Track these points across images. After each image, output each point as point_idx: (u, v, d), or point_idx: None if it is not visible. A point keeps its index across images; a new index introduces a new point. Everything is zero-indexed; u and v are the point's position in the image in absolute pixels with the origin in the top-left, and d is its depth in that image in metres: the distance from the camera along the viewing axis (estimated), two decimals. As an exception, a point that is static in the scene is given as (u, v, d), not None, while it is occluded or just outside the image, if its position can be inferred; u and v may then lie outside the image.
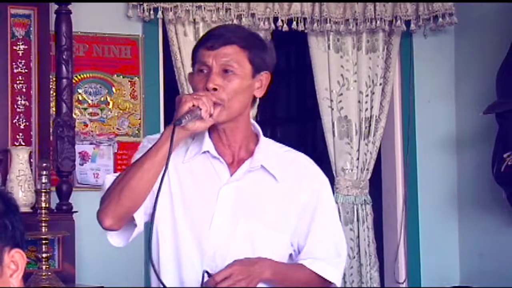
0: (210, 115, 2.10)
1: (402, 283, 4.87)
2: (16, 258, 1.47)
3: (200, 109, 2.08)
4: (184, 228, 2.20)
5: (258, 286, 2.16)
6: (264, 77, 2.20)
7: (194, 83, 2.18)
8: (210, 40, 2.18)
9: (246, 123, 2.24)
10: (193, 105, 2.07)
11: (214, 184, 2.21)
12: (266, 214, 2.21)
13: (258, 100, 2.27)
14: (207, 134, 2.22)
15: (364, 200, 4.71)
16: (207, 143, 2.21)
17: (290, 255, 2.28)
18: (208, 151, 2.21)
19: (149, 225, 2.13)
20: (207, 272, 2.14)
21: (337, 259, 2.27)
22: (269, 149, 2.26)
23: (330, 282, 2.25)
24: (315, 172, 2.29)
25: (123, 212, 2.15)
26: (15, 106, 3.96)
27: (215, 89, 2.13)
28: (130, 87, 4.41)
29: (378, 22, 4.67)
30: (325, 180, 2.32)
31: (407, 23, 4.76)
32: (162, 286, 2.14)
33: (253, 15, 4.45)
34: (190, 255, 2.20)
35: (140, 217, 2.18)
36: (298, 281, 2.22)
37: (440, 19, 4.73)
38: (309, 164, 2.29)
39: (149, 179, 2.12)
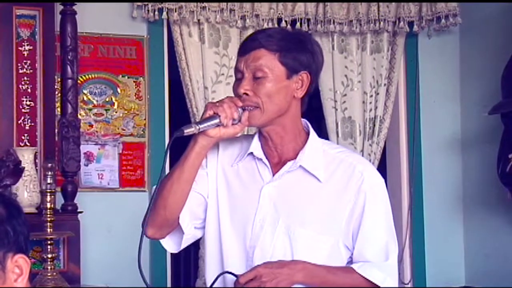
0: (235, 120, 2.14)
1: (408, 283, 4.86)
2: (20, 263, 1.47)
3: (219, 116, 2.11)
4: (228, 228, 2.24)
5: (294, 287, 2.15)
6: (304, 77, 2.20)
7: (233, 89, 2.22)
8: (242, 46, 2.22)
9: (292, 124, 2.23)
10: (214, 113, 2.12)
11: (257, 184, 2.23)
12: (307, 215, 2.20)
13: (307, 100, 2.26)
14: (256, 136, 2.27)
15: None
16: (254, 145, 2.25)
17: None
18: (252, 153, 2.25)
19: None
20: (232, 273, 2.16)
21: (385, 263, 2.21)
22: (318, 150, 2.24)
23: (379, 287, 2.20)
24: (363, 172, 2.21)
25: (161, 221, 2.22)
26: (20, 107, 3.97)
27: (246, 94, 2.16)
28: (135, 88, 4.42)
29: (382, 23, 4.67)
30: (376, 181, 2.25)
31: (411, 24, 4.76)
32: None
33: (257, 15, 4.45)
34: (233, 254, 2.23)
35: (187, 224, 2.25)
36: (344, 284, 2.17)
37: (443, 20, 4.73)
38: (358, 165, 2.22)
39: (179, 188, 2.19)
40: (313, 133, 2.27)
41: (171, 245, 2.32)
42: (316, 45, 2.26)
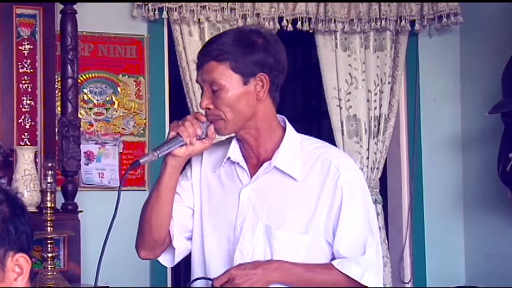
0: (203, 135, 2.14)
1: (408, 283, 4.86)
2: (21, 262, 1.48)
3: (181, 136, 2.12)
4: (210, 234, 2.25)
5: (272, 287, 2.14)
6: (262, 78, 2.17)
7: None
8: (197, 59, 2.21)
9: (265, 124, 2.21)
10: (176, 133, 2.14)
11: (236, 188, 2.24)
12: (286, 215, 2.19)
13: (277, 97, 2.23)
14: (234, 139, 2.26)
15: (375, 199, 4.61)
16: (232, 149, 2.25)
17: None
18: (229, 157, 2.25)
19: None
20: (206, 278, 2.18)
21: (362, 257, 2.17)
22: (295, 147, 2.22)
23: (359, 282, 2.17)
24: (340, 167, 2.18)
25: (149, 243, 2.27)
26: (21, 106, 3.96)
27: (208, 109, 2.16)
28: (136, 87, 4.42)
29: (383, 22, 4.67)
30: (353, 175, 2.22)
31: (412, 23, 4.76)
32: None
33: (258, 15, 4.45)
34: (216, 259, 2.24)
35: (176, 239, 2.27)
36: (323, 281, 2.16)
37: (445, 19, 4.73)
38: (334, 160, 2.20)
39: (159, 210, 2.21)
40: (289, 130, 2.25)
41: (166, 260, 2.34)
42: (269, 40, 2.20)
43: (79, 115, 4.07)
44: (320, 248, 2.20)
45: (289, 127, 2.25)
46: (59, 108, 4.02)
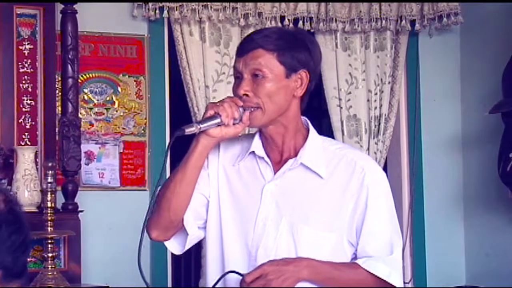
0: (236, 120, 2.14)
1: (408, 283, 4.86)
2: None
3: (220, 115, 2.11)
4: (230, 227, 2.24)
5: (300, 285, 2.15)
6: (303, 76, 2.19)
7: (233, 90, 2.22)
8: (240, 47, 2.21)
9: (293, 123, 2.23)
10: (215, 112, 2.12)
11: (259, 183, 2.23)
12: (310, 212, 2.19)
13: (307, 98, 2.25)
14: (257, 135, 2.26)
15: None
16: (255, 144, 2.25)
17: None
18: (254, 151, 2.24)
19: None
20: (237, 272, 2.16)
21: (390, 257, 2.22)
22: (318, 147, 2.24)
23: (385, 281, 2.20)
24: (365, 168, 2.21)
25: (165, 223, 2.23)
26: (21, 106, 3.96)
27: (246, 95, 2.15)
28: (136, 87, 4.42)
29: (384, 21, 4.68)
30: (378, 176, 2.25)
31: (413, 23, 4.76)
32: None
33: (259, 14, 4.45)
34: (235, 254, 2.23)
35: (191, 225, 2.24)
36: (349, 280, 2.18)
37: (445, 19, 4.74)
38: (359, 161, 2.23)
39: (182, 189, 2.19)
40: (313, 130, 2.27)
41: (175, 246, 2.31)
42: (313, 43, 2.25)
43: (80, 115, 4.07)
44: (342, 247, 2.21)
45: (312, 128, 2.27)
46: (59, 108, 4.02)
